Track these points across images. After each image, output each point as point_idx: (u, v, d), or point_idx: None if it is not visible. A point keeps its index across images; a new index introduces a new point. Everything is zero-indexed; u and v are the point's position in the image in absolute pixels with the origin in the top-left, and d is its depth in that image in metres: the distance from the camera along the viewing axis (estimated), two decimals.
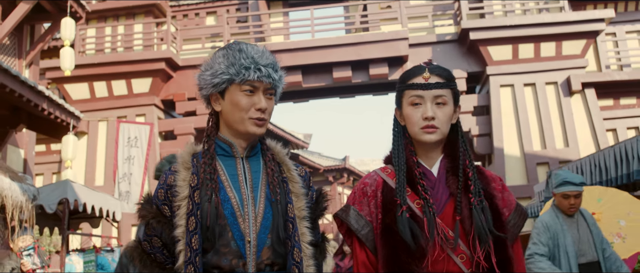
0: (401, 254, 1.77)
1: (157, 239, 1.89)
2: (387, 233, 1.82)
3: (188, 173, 1.87)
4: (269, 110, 1.91)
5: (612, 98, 14.11)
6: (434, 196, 1.86)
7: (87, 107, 14.24)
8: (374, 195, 1.93)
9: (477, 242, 1.77)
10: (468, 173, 1.87)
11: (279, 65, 1.96)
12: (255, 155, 1.97)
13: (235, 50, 1.89)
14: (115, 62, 14.47)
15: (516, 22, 13.58)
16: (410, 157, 1.92)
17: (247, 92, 1.86)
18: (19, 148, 10.29)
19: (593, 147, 13.10)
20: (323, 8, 15.10)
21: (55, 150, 14.94)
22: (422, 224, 1.78)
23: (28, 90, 8.01)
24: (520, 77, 13.77)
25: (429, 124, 1.86)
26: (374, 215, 1.90)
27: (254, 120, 1.87)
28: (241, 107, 1.86)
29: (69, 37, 10.19)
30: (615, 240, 4.92)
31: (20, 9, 9.69)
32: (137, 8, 15.29)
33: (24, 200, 4.28)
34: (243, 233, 1.81)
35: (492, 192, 1.90)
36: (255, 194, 1.88)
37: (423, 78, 1.88)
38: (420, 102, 1.89)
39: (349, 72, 14.24)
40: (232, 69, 1.86)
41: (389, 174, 1.95)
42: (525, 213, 1.97)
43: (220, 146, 1.94)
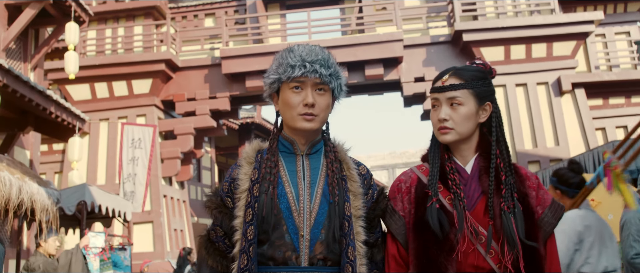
0: (431, 247, 1.82)
1: (219, 228, 1.99)
2: (418, 226, 1.88)
3: (250, 168, 1.96)
4: (321, 105, 1.93)
5: (601, 98, 14.48)
6: (466, 192, 1.90)
7: (88, 108, 14.54)
8: (408, 191, 1.99)
9: (505, 246, 1.80)
10: (500, 176, 1.89)
11: (332, 61, 1.99)
12: (317, 153, 2.04)
13: (287, 51, 1.98)
14: (115, 64, 14.77)
15: (508, 24, 13.92)
16: (443, 153, 1.97)
17: (295, 89, 1.92)
18: (25, 149, 10.59)
19: (583, 145, 13.48)
20: (319, 10, 15.40)
21: (57, 150, 15.25)
22: (452, 217, 1.83)
23: (37, 94, 8.31)
24: (512, 77, 14.12)
25: (442, 125, 1.92)
26: (407, 210, 1.96)
27: (302, 116, 1.91)
28: (290, 105, 1.92)
29: (73, 41, 10.47)
30: None
31: (26, 15, 9.96)
32: (137, 10, 15.60)
33: (50, 204, 4.62)
34: (297, 227, 1.89)
35: (526, 191, 1.92)
36: (312, 190, 1.95)
37: (441, 81, 1.95)
38: (437, 105, 1.96)
39: (345, 73, 14.44)
40: (280, 69, 1.94)
41: (423, 171, 2.01)
42: (561, 209, 1.98)
43: (283, 144, 2.01)
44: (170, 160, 14.84)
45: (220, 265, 1.97)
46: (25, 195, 4.21)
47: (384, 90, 15.86)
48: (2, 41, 9.71)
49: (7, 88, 7.48)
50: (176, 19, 16.24)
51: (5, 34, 9.79)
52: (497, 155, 1.92)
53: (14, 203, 4.03)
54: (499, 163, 1.91)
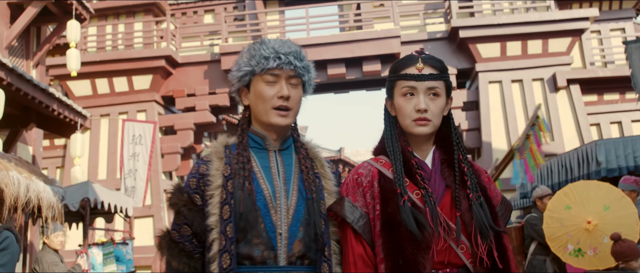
0: (406, 245, 1.72)
1: (186, 228, 1.87)
2: (389, 224, 1.76)
3: (221, 163, 1.88)
4: (295, 98, 1.90)
5: (596, 94, 14.65)
6: (431, 187, 1.82)
7: (89, 104, 14.71)
8: (369, 186, 1.86)
9: (478, 238, 1.75)
10: (463, 168, 1.86)
11: (303, 55, 1.94)
12: (288, 149, 1.98)
13: (258, 44, 1.92)
14: (116, 60, 14.93)
15: (504, 21, 14.09)
16: (405, 147, 1.88)
17: (269, 82, 1.87)
18: (28, 145, 10.76)
19: (577, 141, 13.65)
20: (318, 7, 15.57)
21: (59, 145, 15.44)
22: (425, 214, 1.75)
23: (40, 92, 8.48)
24: (508, 73, 14.29)
25: (421, 117, 1.83)
26: (370, 206, 1.83)
27: (276, 111, 1.87)
28: (264, 97, 1.87)
29: (74, 38, 10.62)
30: (589, 252, 5.11)
31: (28, 13, 10.11)
32: (137, 7, 15.75)
33: (55, 201, 4.82)
34: (275, 225, 1.82)
35: (484, 184, 1.89)
36: (287, 187, 1.88)
37: (416, 68, 1.85)
38: (413, 93, 1.85)
39: (343, 69, 14.73)
40: (253, 61, 1.88)
41: (383, 164, 1.89)
42: (510, 205, 1.98)
43: (253, 139, 1.95)
44: (171, 155, 15.03)
45: (187, 266, 1.85)
46: (33, 193, 4.40)
47: (382, 86, 16.03)
48: (5, 39, 9.86)
49: (10, 86, 7.65)
50: (176, 15, 16.39)
51: (7, 32, 9.95)
52: (456, 147, 1.89)
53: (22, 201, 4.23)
54: (459, 155, 1.88)
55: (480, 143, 14.05)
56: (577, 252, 5.13)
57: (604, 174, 6.45)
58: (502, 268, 1.77)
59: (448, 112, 1.94)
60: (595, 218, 5.07)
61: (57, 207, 4.88)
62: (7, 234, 3.40)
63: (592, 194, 5.16)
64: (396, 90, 1.89)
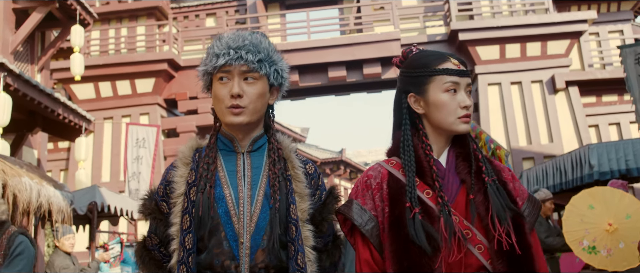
0: (413, 249, 1.63)
1: (154, 236, 1.84)
2: (396, 226, 1.69)
3: (186, 170, 1.79)
4: (250, 96, 1.75)
5: (594, 95, 14.78)
6: (444, 187, 1.73)
7: (92, 107, 14.88)
8: (379, 188, 1.78)
9: (495, 221, 1.65)
10: (478, 156, 1.77)
11: (263, 46, 1.79)
12: (259, 150, 1.86)
13: (215, 39, 1.81)
14: (119, 63, 15.09)
15: (503, 23, 14.21)
16: (422, 148, 1.78)
17: (221, 81, 1.76)
18: (33, 148, 10.92)
19: (576, 142, 13.79)
20: (319, 10, 15.71)
21: (63, 148, 15.61)
22: (435, 217, 1.66)
23: (46, 97, 8.64)
24: (507, 75, 14.43)
25: (467, 113, 1.75)
26: (379, 209, 1.76)
27: (230, 109, 1.75)
28: (218, 98, 1.76)
29: (78, 43, 10.79)
30: (603, 252, 5.36)
31: (33, 19, 10.27)
32: (139, 10, 15.90)
33: (65, 205, 4.97)
34: (237, 234, 1.71)
35: (504, 180, 1.79)
36: (253, 192, 1.78)
37: (454, 64, 1.77)
38: (456, 89, 1.76)
39: (343, 72, 14.87)
40: (207, 59, 1.79)
41: (394, 166, 1.81)
42: (538, 203, 1.86)
43: (222, 141, 1.85)
44: (174, 158, 15.10)
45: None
46: (44, 198, 4.56)
47: (382, 88, 16.20)
48: (11, 44, 10.02)
49: (17, 92, 7.81)
50: (178, 19, 16.55)
51: (13, 38, 10.10)
52: (471, 138, 1.82)
53: (34, 206, 4.38)
54: (473, 146, 1.80)
55: None
56: (591, 249, 5.37)
57: (597, 177, 6.62)
58: (522, 256, 1.64)
59: None
60: (616, 222, 5.30)
61: (66, 211, 5.04)
62: (22, 239, 3.54)
63: (616, 201, 5.40)
64: (433, 85, 1.77)
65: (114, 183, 14.17)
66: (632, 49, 6.91)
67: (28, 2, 10.23)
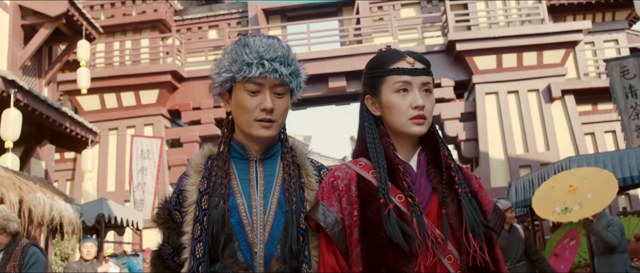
0: (388, 252, 1.55)
1: (167, 245, 1.84)
2: (369, 228, 1.59)
3: (198, 178, 1.76)
4: (279, 110, 1.72)
5: (590, 103, 15.03)
6: (416, 191, 1.65)
7: (98, 118, 15.21)
8: (346, 189, 1.68)
9: (470, 236, 1.58)
10: (450, 165, 1.69)
11: (292, 57, 1.75)
12: (272, 157, 1.81)
13: (241, 45, 1.72)
14: (123, 75, 15.40)
15: (500, 34, 14.47)
16: (389, 150, 1.70)
17: (251, 93, 1.69)
18: (41, 160, 11.24)
19: (572, 149, 14.03)
20: (319, 22, 16.02)
21: (69, 159, 15.92)
22: (409, 221, 1.58)
23: (54, 111, 8.96)
24: (504, 85, 14.69)
25: (420, 114, 1.66)
26: (346, 211, 1.66)
27: (260, 123, 1.69)
28: (246, 109, 1.69)
29: (84, 57, 11.15)
30: (575, 207, 5.97)
31: (41, 34, 10.61)
32: (143, 23, 16.25)
33: (75, 218, 5.27)
34: (250, 244, 1.67)
35: (474, 189, 1.72)
36: (266, 201, 1.73)
37: (408, 62, 1.69)
38: (407, 89, 1.68)
39: (343, 82, 15.16)
40: (234, 66, 1.70)
41: (363, 167, 1.72)
42: (503, 213, 1.80)
43: (234, 149, 1.80)
44: (177, 168, 15.46)
45: None
46: (56, 212, 4.85)
47: None
48: (20, 59, 10.36)
49: (27, 107, 8.12)
50: (181, 31, 16.87)
51: (21, 53, 10.44)
52: (441, 145, 1.74)
53: (47, 219, 4.67)
54: (444, 153, 1.72)
55: (478, 154, 14.43)
56: (564, 210, 6.02)
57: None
58: (495, 271, 1.61)
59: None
60: (576, 183, 6.10)
61: (76, 223, 5.34)
62: (34, 249, 3.84)
63: (573, 172, 6.35)
64: (385, 86, 1.70)
65: (119, 193, 14.47)
66: (618, 62, 7.16)
67: (36, 18, 10.57)
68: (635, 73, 6.85)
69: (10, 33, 10.19)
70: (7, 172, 4.77)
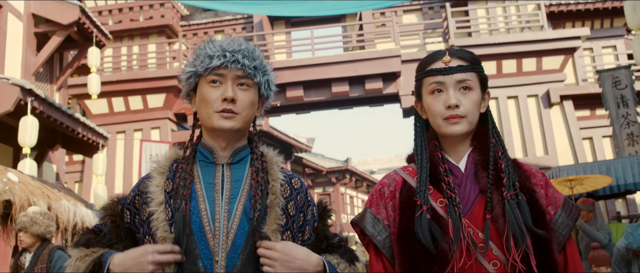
0: (420, 261, 1.53)
1: (101, 230, 1.75)
2: (404, 236, 1.59)
3: (162, 179, 1.70)
4: (242, 102, 1.68)
5: (588, 109, 15.27)
6: (461, 194, 1.62)
7: (106, 121, 15.56)
8: (392, 196, 1.69)
9: (511, 243, 1.51)
10: (500, 166, 1.63)
11: (257, 54, 1.73)
12: (241, 162, 1.76)
13: (206, 42, 1.74)
14: (131, 80, 15.74)
15: (500, 40, 14.76)
16: (434, 152, 1.69)
17: (213, 83, 1.68)
18: (52, 163, 11.58)
19: (571, 154, 14.32)
20: (322, 28, 16.34)
21: (77, 161, 16.26)
22: (446, 226, 1.55)
23: (67, 118, 9.30)
24: (503, 90, 14.98)
25: (453, 114, 1.63)
26: (391, 218, 1.67)
27: (220, 113, 1.65)
28: (207, 100, 1.67)
29: (94, 64, 11.49)
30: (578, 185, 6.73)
31: (53, 41, 10.95)
32: (150, 29, 16.60)
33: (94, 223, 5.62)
34: (211, 252, 1.60)
35: (532, 187, 1.63)
36: (230, 207, 1.66)
37: (443, 62, 1.67)
38: (441, 89, 1.66)
39: (346, 87, 15.47)
40: (197, 60, 1.71)
41: (410, 173, 1.72)
42: (576, 210, 1.66)
43: (201, 152, 1.75)
44: None
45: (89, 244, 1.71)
46: (78, 218, 5.18)
47: (384, 102, 16.76)
48: (33, 66, 10.70)
49: (42, 114, 8.46)
50: (187, 36, 17.22)
51: (34, 60, 10.78)
52: (494, 144, 1.68)
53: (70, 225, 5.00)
54: (497, 152, 1.66)
55: None
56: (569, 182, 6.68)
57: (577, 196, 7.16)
58: None
59: (485, 108, 1.75)
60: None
61: None
62: (61, 253, 4.17)
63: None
64: (424, 89, 1.71)
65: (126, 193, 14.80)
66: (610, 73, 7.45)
67: (48, 26, 10.91)
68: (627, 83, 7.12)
69: (24, 40, 10.53)
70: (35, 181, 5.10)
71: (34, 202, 4.64)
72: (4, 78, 7.72)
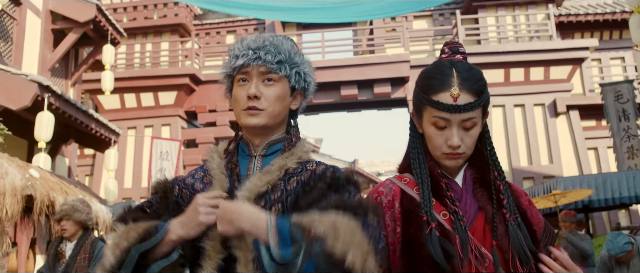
0: (428, 271, 1.53)
1: (150, 205, 1.73)
2: (410, 247, 1.58)
3: (222, 162, 1.74)
4: (268, 97, 1.67)
5: (594, 119, 15.38)
6: (463, 208, 1.63)
7: (117, 116, 15.81)
8: (390, 206, 1.67)
9: (517, 263, 1.55)
10: (499, 186, 1.64)
11: (285, 47, 1.71)
12: (274, 155, 1.75)
13: (236, 42, 1.75)
14: (143, 77, 15.98)
15: (508, 49, 14.91)
16: (433, 167, 1.67)
17: (241, 82, 1.69)
18: (65, 157, 11.85)
19: (575, 163, 14.45)
20: (333, 31, 16.53)
21: (88, 155, 16.54)
22: (454, 239, 1.55)
23: (81, 114, 9.56)
24: (510, 98, 15.12)
25: (453, 152, 1.62)
26: (390, 228, 1.65)
27: (246, 111, 1.67)
28: (236, 99, 1.69)
29: (109, 61, 11.75)
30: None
31: (69, 38, 11.23)
32: (163, 27, 16.85)
33: (108, 218, 5.84)
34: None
35: (523, 208, 1.67)
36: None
37: (451, 95, 1.58)
38: (445, 126, 1.61)
39: (355, 90, 15.65)
40: (228, 61, 1.73)
41: (407, 183, 1.70)
42: (554, 232, 1.75)
43: (241, 146, 1.79)
44: (193, 167, 15.96)
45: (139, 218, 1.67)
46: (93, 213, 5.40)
47: (392, 106, 16.94)
48: (49, 62, 10.98)
49: (58, 110, 8.71)
50: (200, 35, 17.44)
51: (51, 56, 11.07)
52: (493, 164, 1.69)
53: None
54: (494, 172, 1.67)
55: None
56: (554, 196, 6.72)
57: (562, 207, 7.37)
58: None
59: (483, 127, 1.71)
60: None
61: (108, 223, 5.91)
62: (103, 244, 4.38)
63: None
64: (425, 114, 1.65)
65: (135, 190, 15.09)
66: (612, 87, 7.60)
67: (65, 23, 11.18)
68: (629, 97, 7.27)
69: (41, 37, 10.82)
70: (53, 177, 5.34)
71: (53, 197, 4.89)
72: (22, 74, 7.98)
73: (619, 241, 5.48)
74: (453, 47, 1.73)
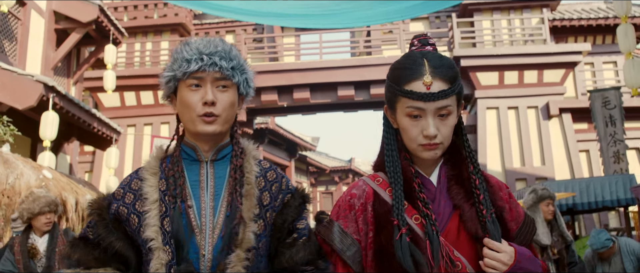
0: None
1: (90, 230, 1.71)
2: (381, 255, 1.55)
3: (156, 179, 1.70)
4: (223, 104, 1.69)
5: (586, 122, 15.59)
6: (435, 210, 1.59)
7: (117, 114, 16.01)
8: (363, 209, 1.63)
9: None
10: (475, 182, 1.60)
11: (234, 54, 1.73)
12: (224, 159, 1.77)
13: (183, 45, 1.74)
14: (143, 75, 16.14)
15: (503, 52, 15.14)
16: (406, 165, 1.63)
17: (193, 87, 1.68)
18: (66, 154, 12.08)
19: (567, 165, 14.71)
20: (331, 32, 16.75)
21: (88, 152, 16.74)
22: (424, 246, 1.52)
23: (84, 113, 9.79)
24: (504, 101, 15.37)
25: (430, 143, 1.56)
26: (362, 232, 1.61)
27: (202, 118, 1.66)
28: (188, 105, 1.67)
29: (111, 60, 11.98)
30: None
31: (72, 38, 11.44)
32: (164, 26, 17.07)
33: None
34: (198, 246, 1.63)
35: (499, 204, 1.63)
36: (216, 203, 1.70)
37: (424, 84, 1.54)
38: (420, 115, 1.57)
39: (352, 91, 15.88)
40: (175, 65, 1.71)
41: (380, 184, 1.66)
42: (534, 226, 1.71)
43: (185, 150, 1.76)
44: None
45: (90, 255, 1.68)
46: None
47: None
48: (52, 61, 11.19)
49: (62, 109, 8.94)
50: (199, 35, 17.63)
51: (54, 55, 11.27)
52: (469, 158, 1.65)
53: None
54: (470, 167, 1.64)
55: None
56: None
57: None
58: None
59: (458, 119, 1.67)
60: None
61: None
62: (74, 234, 4.55)
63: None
64: (399, 105, 1.61)
65: None
66: (600, 94, 7.85)
67: (68, 23, 11.39)
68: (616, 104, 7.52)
69: (45, 36, 11.02)
70: (64, 177, 5.56)
71: (65, 197, 5.12)
72: (28, 75, 8.20)
73: (600, 237, 5.82)
74: (422, 40, 1.67)
